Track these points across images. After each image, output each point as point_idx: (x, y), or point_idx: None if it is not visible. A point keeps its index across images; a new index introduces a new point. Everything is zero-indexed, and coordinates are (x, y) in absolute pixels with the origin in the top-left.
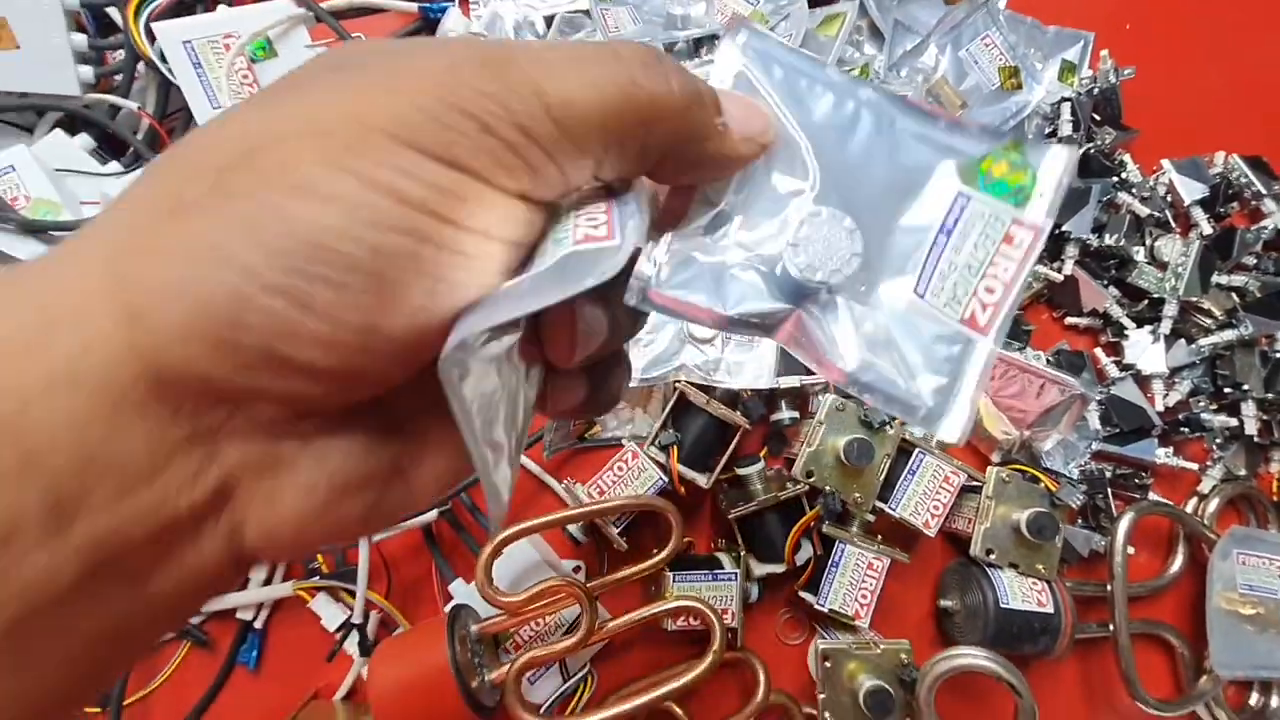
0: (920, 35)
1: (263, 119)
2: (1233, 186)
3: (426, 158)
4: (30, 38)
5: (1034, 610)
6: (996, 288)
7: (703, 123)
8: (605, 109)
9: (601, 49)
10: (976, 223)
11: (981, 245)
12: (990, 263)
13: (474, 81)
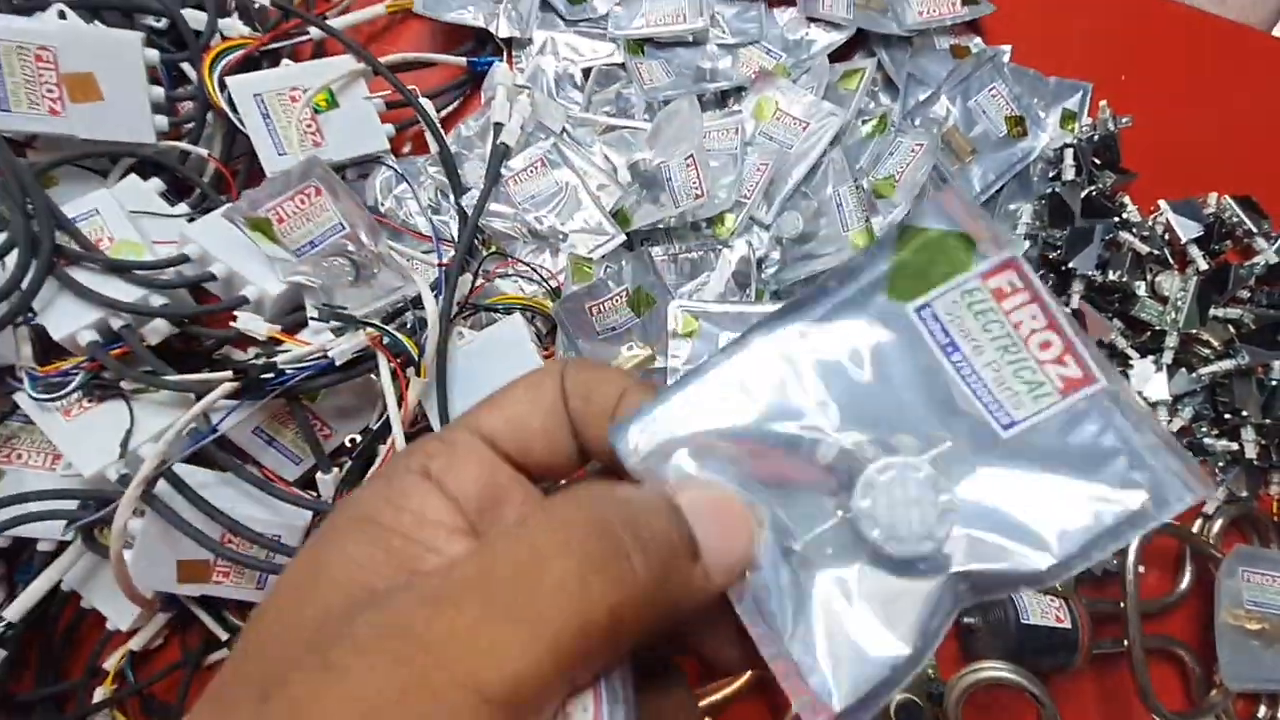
0: (931, 87)
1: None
2: (1225, 225)
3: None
4: (114, 90)
5: (1053, 626)
6: (1048, 338)
7: (680, 589)
8: (560, 662)
9: (543, 564)
10: (959, 313)
11: (988, 324)
12: (1014, 327)
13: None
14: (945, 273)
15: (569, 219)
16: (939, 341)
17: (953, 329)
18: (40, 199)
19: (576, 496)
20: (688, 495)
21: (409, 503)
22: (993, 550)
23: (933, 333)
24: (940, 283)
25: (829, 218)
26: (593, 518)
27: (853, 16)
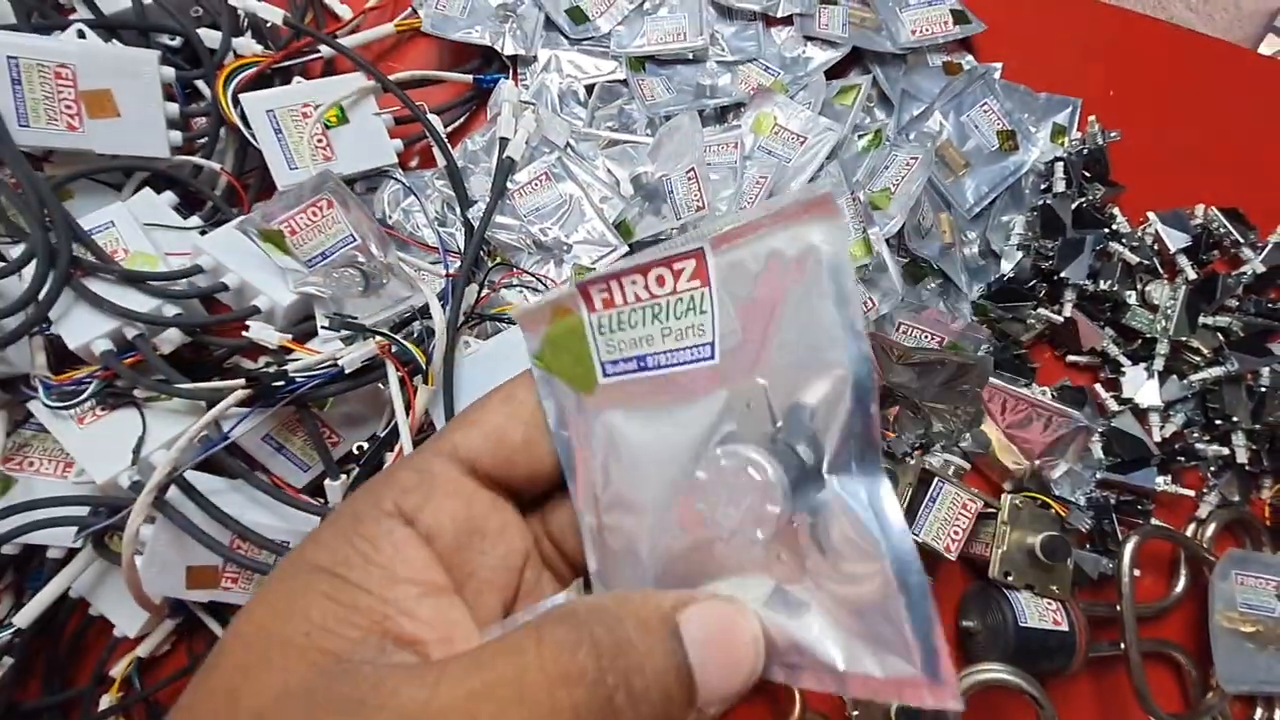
0: (925, 103)
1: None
2: (1213, 236)
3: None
4: (130, 106)
5: (1051, 629)
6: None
7: (674, 708)
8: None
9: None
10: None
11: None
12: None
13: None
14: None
15: (573, 230)
16: (633, 369)
17: (627, 352)
18: (58, 212)
19: (566, 625)
20: (692, 615)
21: (379, 555)
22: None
23: (626, 372)
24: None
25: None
26: (584, 665)
27: (848, 35)
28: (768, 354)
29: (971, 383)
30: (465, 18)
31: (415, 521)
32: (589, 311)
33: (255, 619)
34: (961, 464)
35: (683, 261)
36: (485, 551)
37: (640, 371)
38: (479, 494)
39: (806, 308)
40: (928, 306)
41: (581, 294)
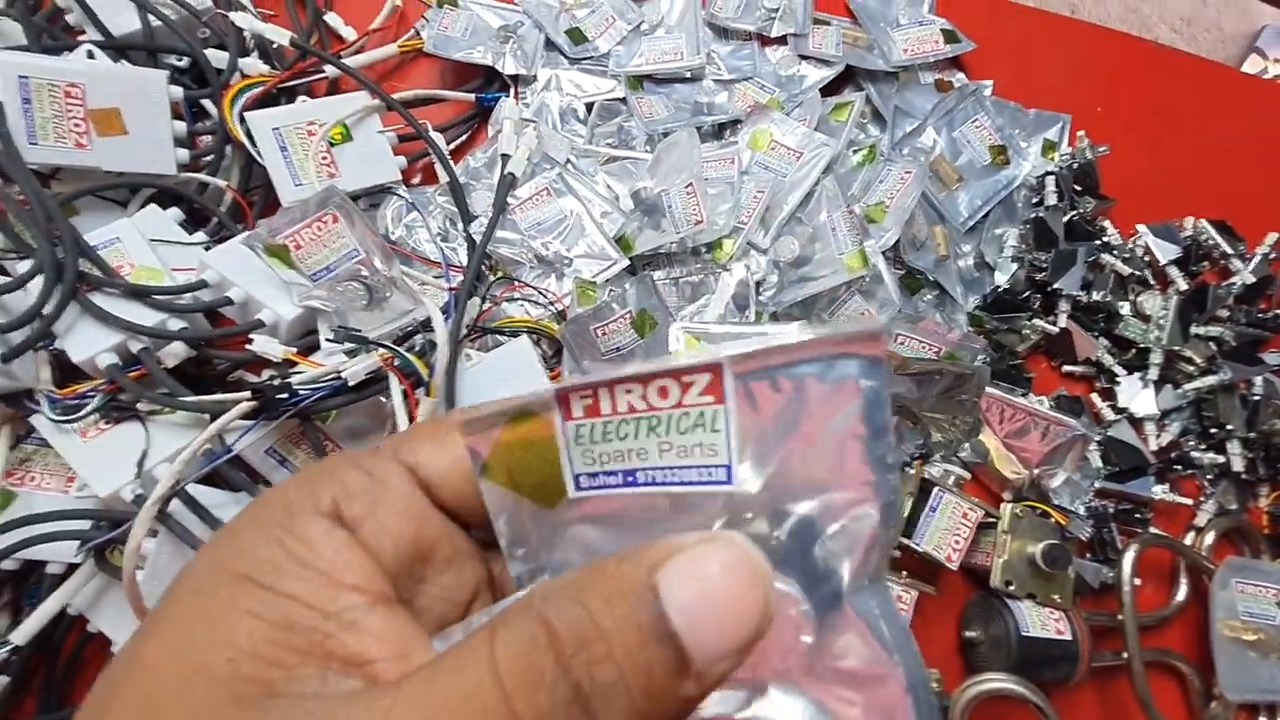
0: (917, 119)
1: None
2: (1202, 248)
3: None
4: (137, 125)
5: (1053, 638)
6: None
7: (665, 712)
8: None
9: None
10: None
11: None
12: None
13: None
14: (549, 450)
15: (574, 245)
16: (617, 484)
17: (611, 466)
18: (65, 227)
19: (522, 620)
20: (674, 570)
21: (316, 560)
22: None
23: (607, 486)
24: (551, 452)
25: (823, 242)
26: (542, 666)
27: (841, 54)
28: (783, 478)
29: (969, 392)
30: (467, 38)
31: (357, 531)
32: (565, 419)
33: (165, 643)
34: (961, 473)
35: (695, 375)
36: (429, 580)
37: (626, 487)
38: (431, 516)
39: (835, 438)
40: (924, 317)
41: (559, 400)
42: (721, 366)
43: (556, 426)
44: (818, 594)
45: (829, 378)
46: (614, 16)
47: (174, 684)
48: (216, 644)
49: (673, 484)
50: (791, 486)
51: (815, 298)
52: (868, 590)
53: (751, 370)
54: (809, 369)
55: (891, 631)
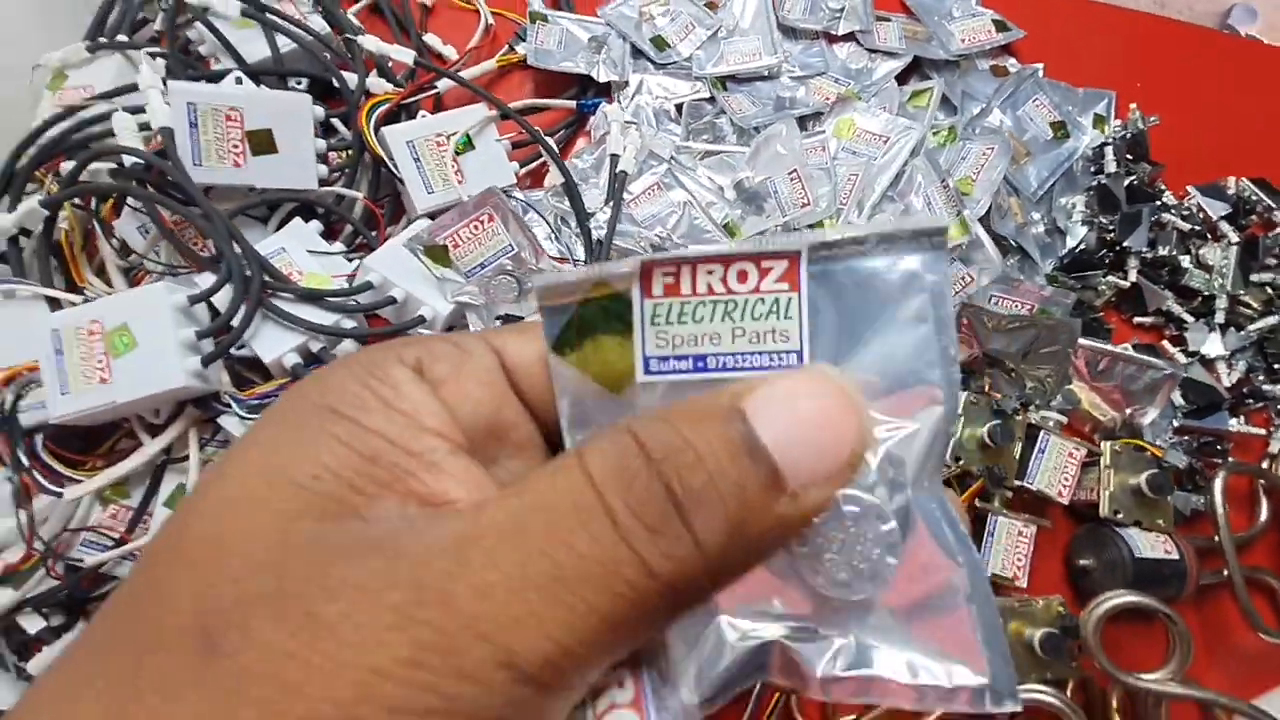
0: (982, 102)
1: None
2: (1247, 203)
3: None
4: (286, 143)
5: (1164, 558)
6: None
7: (759, 536)
8: (609, 639)
9: (588, 525)
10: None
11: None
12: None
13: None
14: (626, 327)
15: (686, 232)
16: (687, 369)
17: (683, 349)
18: (245, 243)
19: (610, 436)
20: (761, 396)
21: (401, 401)
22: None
23: (677, 371)
24: (625, 330)
25: (917, 216)
26: (635, 465)
27: (905, 46)
28: (851, 372)
29: (1062, 343)
30: (562, 50)
31: (438, 390)
32: (644, 296)
33: (248, 457)
34: (1059, 418)
35: (773, 260)
36: (500, 460)
37: (696, 373)
38: (510, 398)
39: (901, 330)
40: (1018, 279)
41: (643, 272)
42: (799, 254)
43: (635, 303)
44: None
45: (896, 270)
46: (693, 23)
47: (257, 490)
48: (302, 460)
49: (744, 369)
50: (862, 380)
51: None
52: (928, 491)
53: (827, 258)
54: (879, 261)
55: (955, 534)
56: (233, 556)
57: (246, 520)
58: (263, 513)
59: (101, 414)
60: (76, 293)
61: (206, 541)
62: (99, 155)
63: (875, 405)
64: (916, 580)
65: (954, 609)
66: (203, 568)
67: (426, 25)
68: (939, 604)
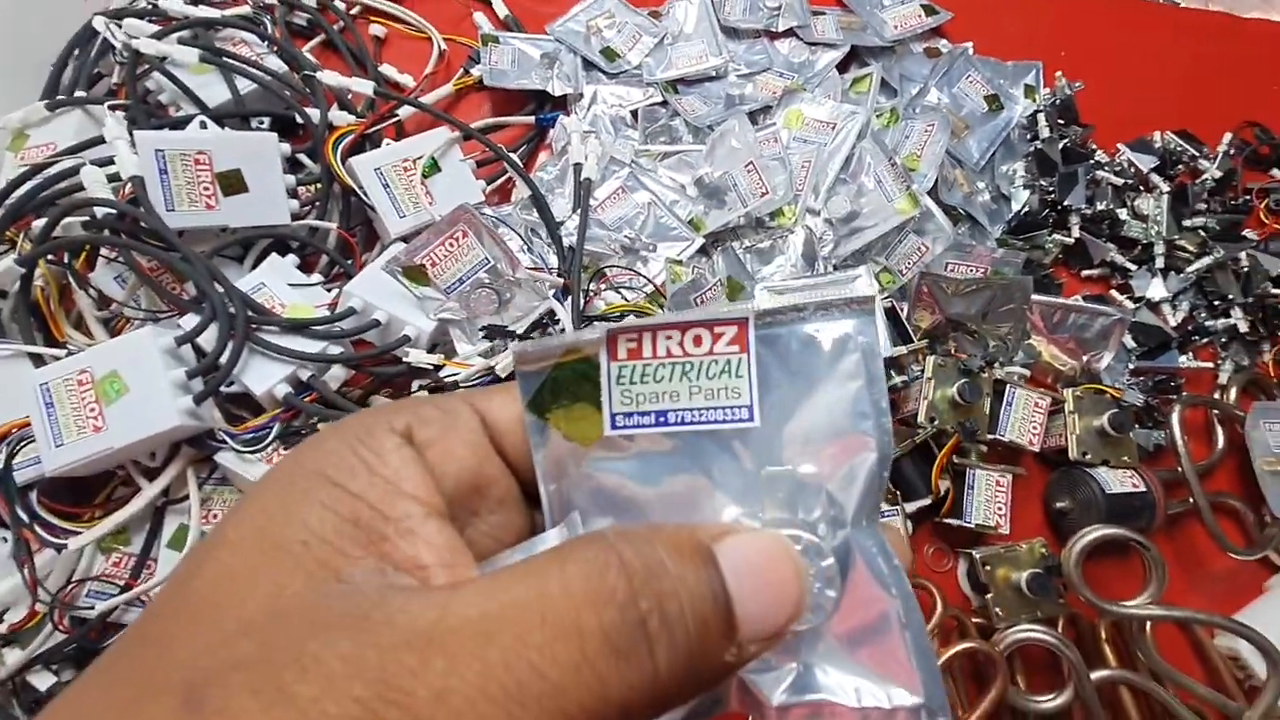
0: (919, 83)
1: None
2: (1173, 155)
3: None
4: (256, 182)
5: (1133, 491)
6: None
7: (706, 674)
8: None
9: (555, 642)
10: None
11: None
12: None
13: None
14: (591, 390)
15: (654, 231)
16: (649, 424)
17: (645, 406)
18: (227, 282)
19: (595, 547)
20: (730, 544)
21: (383, 468)
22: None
23: (640, 425)
24: (594, 391)
25: (869, 195)
26: (619, 589)
27: (842, 37)
28: (795, 424)
29: (1017, 301)
30: (516, 69)
31: (424, 454)
32: (610, 359)
33: (247, 524)
34: (1023, 372)
35: (725, 326)
36: (480, 516)
37: (659, 426)
38: (492, 457)
39: (839, 385)
40: (971, 245)
41: (608, 341)
42: (747, 320)
43: (602, 365)
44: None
45: (832, 332)
46: (639, 32)
47: (252, 558)
48: (292, 526)
49: (701, 423)
50: (805, 436)
51: (869, 245)
52: (866, 530)
53: (772, 323)
54: (817, 325)
55: (889, 567)
56: (227, 620)
57: (243, 587)
58: (257, 580)
59: (98, 462)
60: (58, 348)
61: (205, 605)
62: (71, 209)
63: (820, 451)
64: (857, 610)
65: (889, 636)
66: (198, 627)
67: (381, 57)
68: (877, 632)
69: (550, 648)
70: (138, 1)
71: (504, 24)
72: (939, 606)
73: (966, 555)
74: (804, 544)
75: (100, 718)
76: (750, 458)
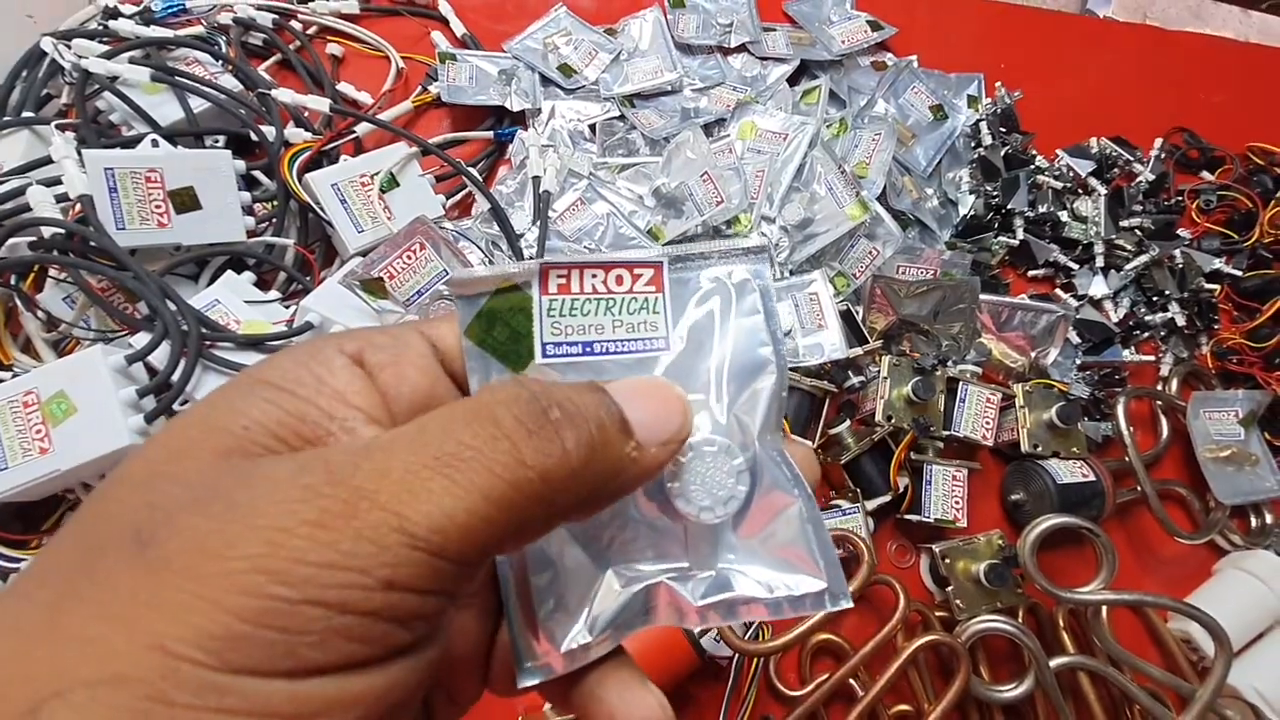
0: (867, 95)
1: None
2: (1109, 159)
3: (260, 677)
4: (210, 199)
5: (1083, 481)
6: (618, 274)
7: (612, 463)
8: (490, 515)
9: (475, 424)
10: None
11: (584, 310)
12: (594, 292)
13: (311, 553)
14: (526, 318)
15: (614, 242)
16: (577, 353)
17: (574, 337)
18: (180, 301)
19: (507, 380)
20: (614, 384)
21: (332, 379)
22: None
23: (568, 355)
24: (526, 321)
25: (822, 202)
26: (523, 393)
27: (792, 52)
28: (708, 355)
29: (966, 300)
30: (474, 85)
31: (375, 376)
32: (542, 293)
33: (190, 415)
34: (975, 370)
35: (643, 269)
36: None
37: (584, 356)
38: (444, 380)
39: (742, 318)
40: (920, 249)
41: (541, 274)
42: (662, 263)
43: (535, 298)
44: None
45: (737, 275)
46: (595, 49)
47: (193, 436)
48: (235, 414)
49: (622, 353)
50: (718, 361)
51: (823, 250)
52: (770, 443)
53: (683, 267)
54: (722, 269)
55: (790, 474)
56: (168, 482)
57: (183, 457)
58: (197, 451)
59: (46, 485)
60: (4, 370)
61: (147, 475)
62: (17, 229)
63: (731, 379)
64: (765, 514)
65: (794, 532)
66: (140, 490)
67: (339, 75)
68: (783, 530)
69: (471, 427)
70: (88, 23)
71: (461, 42)
72: (901, 602)
73: (927, 551)
74: (717, 446)
75: (56, 578)
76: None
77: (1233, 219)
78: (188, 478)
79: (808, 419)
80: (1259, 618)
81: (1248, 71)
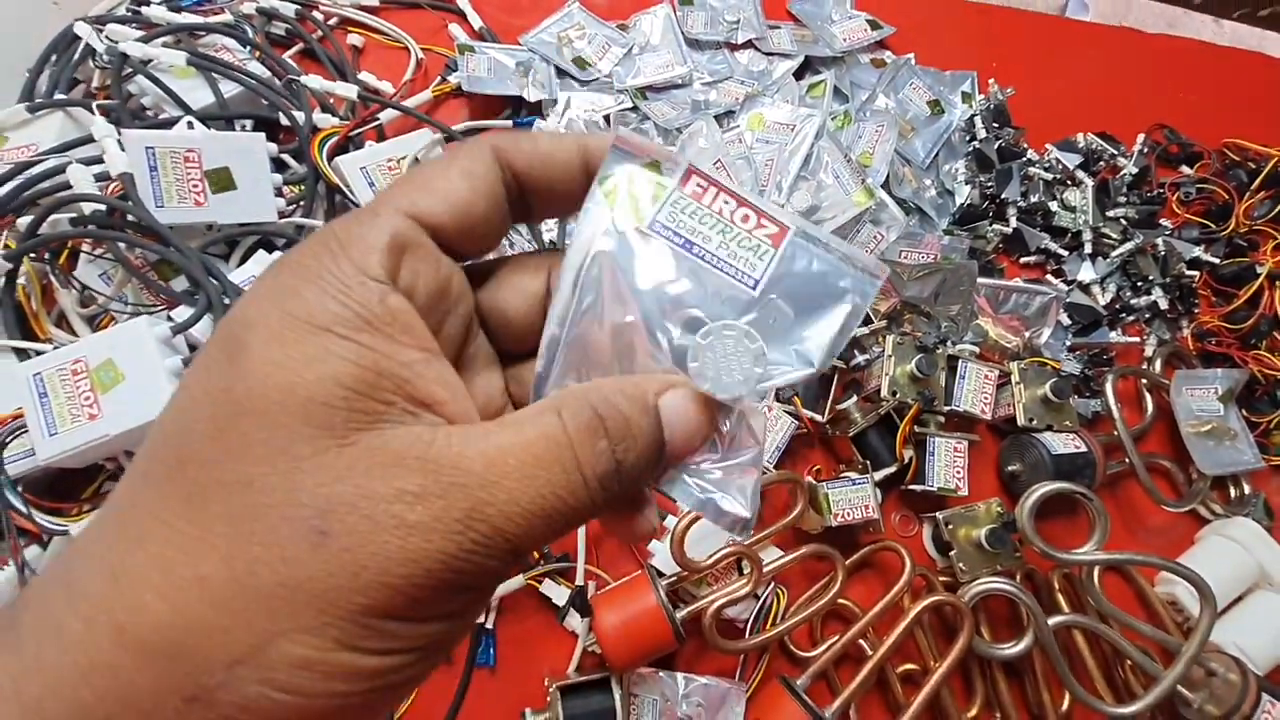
0: (868, 90)
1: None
2: (1095, 153)
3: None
4: (244, 179)
5: (1076, 451)
6: (745, 213)
7: (646, 477)
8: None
9: (556, 467)
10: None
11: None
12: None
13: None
14: (654, 195)
15: None
16: (678, 242)
17: (682, 232)
18: (221, 276)
19: (582, 400)
20: (667, 400)
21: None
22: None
23: (671, 239)
24: (654, 198)
25: (828, 190)
26: (601, 438)
27: (796, 48)
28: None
29: (965, 282)
30: (492, 76)
31: (394, 281)
32: (679, 186)
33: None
34: (973, 348)
35: (770, 222)
36: (450, 311)
37: (683, 249)
38: (442, 255)
39: (817, 323)
40: (922, 234)
41: (686, 173)
42: (789, 229)
43: (671, 186)
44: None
45: (842, 280)
46: (608, 43)
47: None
48: (326, 383)
49: (715, 268)
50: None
51: None
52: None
53: (806, 242)
54: (834, 266)
55: (759, 427)
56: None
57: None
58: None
59: (93, 450)
60: (43, 344)
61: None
62: (59, 205)
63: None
64: (737, 452)
65: (748, 471)
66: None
67: (360, 65)
68: (742, 466)
69: (560, 464)
70: (118, 9)
71: (478, 35)
72: (908, 564)
73: (930, 519)
74: (738, 331)
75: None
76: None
77: (1211, 210)
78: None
79: (816, 395)
80: (1240, 579)
81: (1221, 73)
